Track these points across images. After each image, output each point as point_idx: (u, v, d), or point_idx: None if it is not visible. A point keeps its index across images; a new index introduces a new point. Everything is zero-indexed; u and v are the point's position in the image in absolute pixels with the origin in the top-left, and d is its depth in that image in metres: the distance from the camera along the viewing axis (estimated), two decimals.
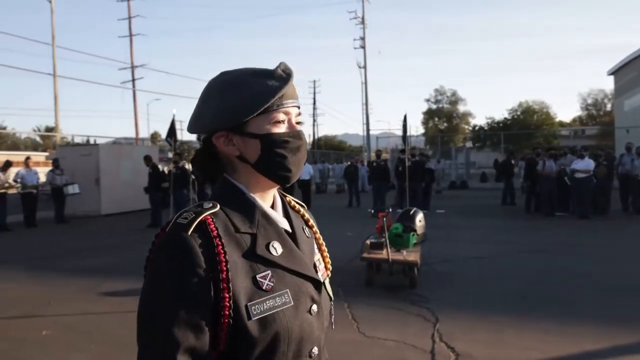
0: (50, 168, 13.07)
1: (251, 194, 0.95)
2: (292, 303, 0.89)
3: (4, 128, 52.58)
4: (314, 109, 57.44)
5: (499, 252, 7.64)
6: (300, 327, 0.89)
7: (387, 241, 5.65)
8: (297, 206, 1.09)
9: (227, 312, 0.82)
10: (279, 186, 0.99)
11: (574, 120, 55.87)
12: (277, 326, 0.85)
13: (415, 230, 6.18)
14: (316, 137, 59.09)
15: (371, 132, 35.69)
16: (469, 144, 42.30)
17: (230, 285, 0.83)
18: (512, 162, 16.41)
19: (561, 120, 51.71)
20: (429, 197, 14.02)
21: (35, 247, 9.17)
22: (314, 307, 0.93)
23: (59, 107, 19.40)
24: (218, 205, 0.90)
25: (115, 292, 5.60)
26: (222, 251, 0.84)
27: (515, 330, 4.20)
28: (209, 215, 0.87)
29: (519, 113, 47.88)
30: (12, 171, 11.85)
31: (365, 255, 5.76)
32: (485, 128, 47.65)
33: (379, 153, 14.88)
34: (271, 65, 0.95)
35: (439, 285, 5.72)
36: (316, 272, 0.99)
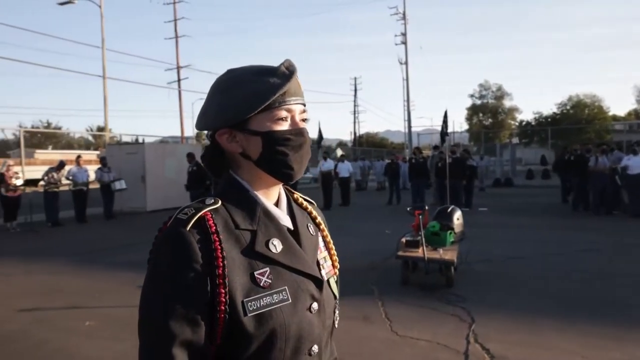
0: (99, 166, 13.62)
1: (253, 191, 0.95)
2: (290, 300, 0.88)
3: (60, 128, 55.20)
4: (355, 106, 57.13)
5: (541, 251, 7.38)
6: (298, 324, 0.89)
7: (423, 239, 5.58)
8: (305, 203, 1.08)
9: (222, 308, 0.82)
10: (282, 183, 0.99)
11: (629, 113, 53.15)
12: (273, 323, 0.85)
13: (452, 229, 6.07)
14: (357, 134, 58.80)
15: (413, 129, 35.24)
16: (515, 140, 41.06)
17: (226, 281, 0.83)
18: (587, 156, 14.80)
19: (615, 114, 49.26)
20: (470, 194, 13.71)
21: (85, 241, 9.60)
22: (315, 305, 0.93)
23: (108, 107, 20.25)
24: (219, 201, 0.91)
25: None
26: (219, 247, 0.84)
27: (556, 332, 4.06)
28: (208, 211, 0.88)
29: (568, 107, 45.98)
30: (65, 169, 12.43)
31: (400, 253, 5.70)
32: (533, 123, 46.07)
33: (416, 150, 14.67)
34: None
35: (477, 285, 5.59)
36: (320, 270, 0.98)
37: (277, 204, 0.99)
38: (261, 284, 0.86)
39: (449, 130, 13.23)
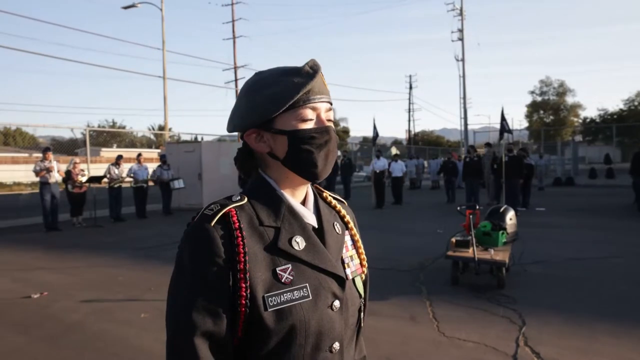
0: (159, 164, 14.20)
1: (280, 189, 0.97)
2: (311, 297, 0.90)
3: (124, 127, 57.94)
4: (410, 103, 56.33)
5: (601, 254, 7.01)
6: (318, 321, 0.90)
7: (473, 239, 5.45)
8: (334, 202, 1.09)
9: (243, 302, 0.85)
10: (309, 182, 1.00)
11: None
12: (293, 319, 0.87)
13: (504, 229, 5.90)
14: (412, 132, 57.97)
15: (470, 127, 34.37)
16: (578, 138, 39.13)
17: (247, 276, 0.86)
18: None
19: None
20: (527, 194, 13.22)
21: (144, 236, 10.03)
22: (336, 302, 0.93)
23: (167, 107, 21.09)
24: (246, 199, 0.94)
25: None
26: (241, 243, 0.87)
27: (612, 338, 3.86)
28: (233, 207, 0.91)
29: (636, 103, 43.30)
30: (126, 167, 13.07)
31: (450, 253, 5.60)
32: (597, 120, 43.70)
33: (471, 148, 14.30)
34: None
35: (530, 287, 5.40)
36: (345, 268, 0.99)
37: (304, 202, 1.00)
38: (282, 280, 0.88)
39: (506, 127, 12.81)
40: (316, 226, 0.98)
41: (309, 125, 0.93)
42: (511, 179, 11.43)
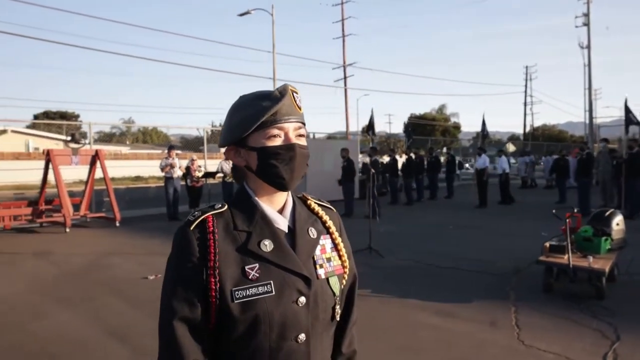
0: None
1: (256, 198, 1.11)
2: (274, 293, 1.03)
3: None
4: (527, 96, 52.68)
5: None
6: (282, 314, 1.03)
7: (569, 245, 5.13)
8: (317, 208, 1.22)
9: (213, 294, 1.01)
10: (282, 191, 1.12)
11: None
12: (257, 310, 1.01)
13: (609, 235, 5.46)
14: (531, 126, 54.23)
15: (598, 120, 31.33)
16: None
17: (216, 272, 1.01)
18: None
19: None
20: None
21: None
22: (302, 299, 1.05)
23: None
24: (226, 206, 1.10)
25: None
26: (212, 244, 1.03)
27: None
28: (211, 214, 1.07)
29: None
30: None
31: (542, 258, 5.33)
32: None
33: (584, 145, 13.12)
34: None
35: (634, 300, 4.96)
36: (316, 269, 1.11)
37: (283, 208, 1.14)
38: (250, 277, 1.02)
39: (633, 121, 11.62)
40: (286, 230, 1.11)
41: (277, 142, 1.07)
42: (631, 180, 10.34)
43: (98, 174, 11.64)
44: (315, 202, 1.24)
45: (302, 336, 1.06)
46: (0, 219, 10.29)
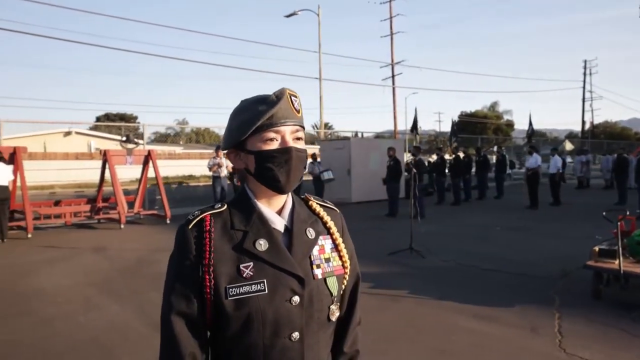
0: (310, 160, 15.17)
1: (254, 199, 1.14)
2: (267, 291, 1.05)
3: None
4: (588, 92, 50.18)
5: None
6: (275, 312, 1.05)
7: (620, 249, 4.89)
8: (319, 209, 1.23)
9: (208, 290, 1.05)
10: (280, 193, 1.14)
11: None
12: (249, 308, 1.04)
13: None
14: (590, 124, 51.65)
15: None
16: None
17: (211, 270, 1.05)
18: None
19: None
20: None
21: None
22: (295, 298, 1.07)
23: (323, 107, 22.27)
24: (226, 206, 1.14)
25: None
26: (208, 243, 1.07)
27: None
28: (209, 214, 1.11)
29: None
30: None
31: (590, 263, 5.11)
32: None
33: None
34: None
35: None
36: (313, 268, 1.12)
37: (282, 209, 1.16)
38: (244, 275, 1.05)
39: None
40: (281, 230, 1.13)
41: (273, 146, 1.09)
42: None
43: (151, 173, 12.14)
44: (317, 203, 1.26)
45: (296, 334, 1.08)
46: (62, 216, 10.95)
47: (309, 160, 15.14)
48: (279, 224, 1.14)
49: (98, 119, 48.92)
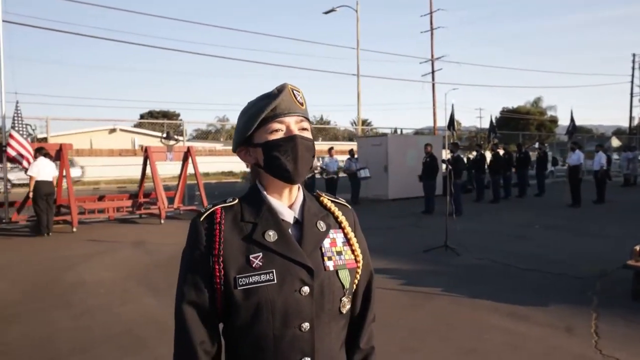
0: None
1: (264, 192, 1.17)
2: (276, 281, 1.07)
3: (328, 122, 62.41)
4: (634, 87, 47.74)
5: None
6: (284, 302, 1.07)
7: None
8: (330, 204, 1.25)
9: (217, 280, 1.08)
10: (290, 184, 1.16)
11: None
12: (258, 297, 1.06)
13: None
14: (637, 120, 49.23)
15: None
16: None
17: (221, 260, 1.08)
18: None
19: None
20: None
21: None
22: (305, 288, 1.09)
23: (361, 103, 22.20)
24: (237, 200, 1.18)
25: None
26: (218, 234, 1.10)
27: None
28: (220, 207, 1.15)
29: None
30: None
31: (630, 262, 4.92)
32: None
33: None
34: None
35: None
36: (324, 260, 1.14)
37: (293, 203, 1.19)
38: (253, 266, 1.08)
39: None
40: (291, 222, 1.15)
41: (277, 136, 1.13)
42: None
43: (190, 169, 12.44)
44: (328, 199, 1.27)
45: (306, 325, 1.09)
46: (105, 210, 11.39)
47: (347, 156, 15.14)
48: (288, 216, 1.16)
49: (142, 117, 50.37)
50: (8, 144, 9.70)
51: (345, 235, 1.23)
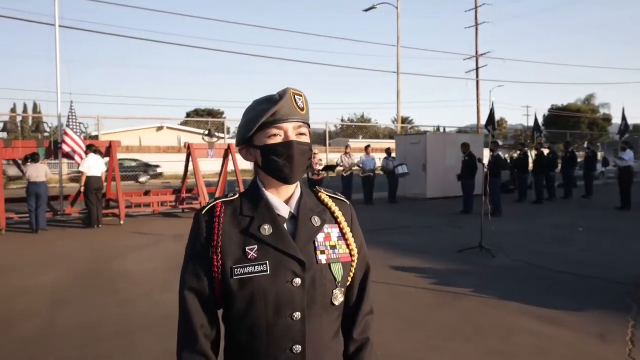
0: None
1: (263, 189, 1.25)
2: (269, 273, 1.15)
3: (369, 120, 62.13)
4: None
5: None
6: (277, 292, 1.15)
7: None
8: (327, 200, 1.32)
9: (215, 270, 1.18)
10: (286, 184, 1.24)
11: None
12: (252, 287, 1.15)
13: None
14: None
15: None
16: None
17: (219, 251, 1.17)
18: None
19: None
20: None
21: (368, 221, 10.85)
22: (297, 280, 1.16)
23: (400, 101, 22.04)
24: (238, 195, 1.27)
25: (402, 267, 6.35)
26: (217, 226, 1.19)
27: None
28: (221, 202, 1.24)
29: None
30: (352, 155, 14.37)
31: None
32: None
33: None
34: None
35: None
36: (317, 254, 1.20)
37: (290, 199, 1.26)
38: (249, 257, 1.16)
39: None
40: (286, 217, 1.23)
41: (276, 140, 1.20)
42: None
43: (231, 166, 12.76)
44: (327, 195, 1.34)
45: (298, 314, 1.16)
46: (151, 205, 11.87)
47: (384, 155, 15.11)
48: (284, 211, 1.24)
49: (188, 115, 51.79)
50: (63, 141, 10.28)
51: (341, 230, 1.29)
